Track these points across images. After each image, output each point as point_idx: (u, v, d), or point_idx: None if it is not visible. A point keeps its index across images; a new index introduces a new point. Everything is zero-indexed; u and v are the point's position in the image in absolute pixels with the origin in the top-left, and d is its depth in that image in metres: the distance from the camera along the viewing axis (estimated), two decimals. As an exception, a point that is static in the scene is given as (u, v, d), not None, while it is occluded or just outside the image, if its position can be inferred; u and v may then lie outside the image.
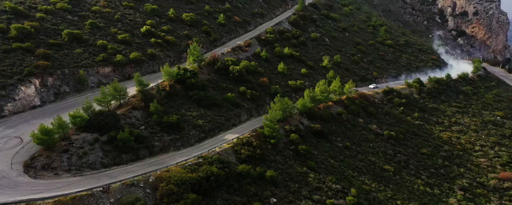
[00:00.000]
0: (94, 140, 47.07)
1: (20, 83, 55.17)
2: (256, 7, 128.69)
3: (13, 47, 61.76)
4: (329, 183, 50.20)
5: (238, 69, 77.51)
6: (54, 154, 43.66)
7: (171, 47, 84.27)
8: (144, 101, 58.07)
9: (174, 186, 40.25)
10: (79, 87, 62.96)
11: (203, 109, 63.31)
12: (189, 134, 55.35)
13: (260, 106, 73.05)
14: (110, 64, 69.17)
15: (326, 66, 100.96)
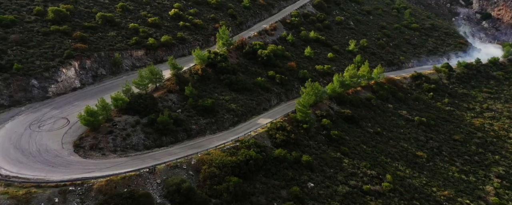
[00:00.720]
0: (135, 122, 47.76)
1: (61, 65, 55.97)
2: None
3: (52, 30, 62.29)
4: (364, 169, 49.81)
5: (266, 53, 76.24)
6: (100, 135, 44.63)
7: (199, 31, 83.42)
8: (178, 85, 58.16)
9: (215, 169, 40.68)
10: (114, 70, 63.50)
11: (235, 93, 63.03)
12: (223, 118, 55.44)
13: (289, 91, 72.17)
14: (143, 47, 69.16)
15: (352, 51, 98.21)
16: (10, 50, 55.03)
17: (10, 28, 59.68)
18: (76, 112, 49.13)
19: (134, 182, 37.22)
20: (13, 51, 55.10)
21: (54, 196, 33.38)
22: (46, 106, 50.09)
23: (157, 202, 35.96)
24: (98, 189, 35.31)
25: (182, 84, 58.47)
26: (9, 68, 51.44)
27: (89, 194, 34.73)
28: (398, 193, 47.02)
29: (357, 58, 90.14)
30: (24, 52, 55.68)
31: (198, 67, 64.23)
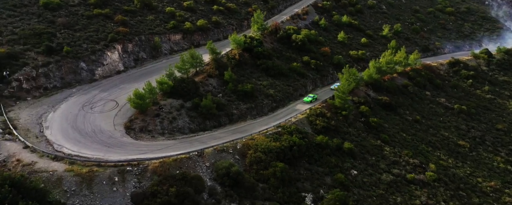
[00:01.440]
0: (180, 106, 48.14)
1: (106, 49, 56.73)
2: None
3: (95, 13, 62.86)
4: (406, 158, 48.59)
5: (300, 38, 74.17)
6: (148, 118, 45.39)
7: (232, 15, 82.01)
8: (218, 69, 57.88)
9: (261, 154, 40.69)
10: (154, 54, 63.79)
11: (271, 78, 62.08)
12: (262, 103, 55.02)
13: (324, 77, 70.46)
14: (180, 31, 68.85)
15: (386, 36, 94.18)
16: (59, 33, 56.13)
17: (56, 11, 60.71)
18: (123, 94, 50.18)
19: (185, 164, 37.85)
20: (62, 34, 56.20)
21: (114, 175, 34.49)
22: (95, 88, 51.24)
23: (208, 185, 36.55)
24: (152, 170, 36.18)
25: (221, 68, 58.12)
26: (59, 51, 52.61)
27: (145, 175, 35.67)
28: (442, 183, 45.73)
29: (392, 44, 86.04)
30: (72, 35, 56.68)
31: (235, 52, 63.46)
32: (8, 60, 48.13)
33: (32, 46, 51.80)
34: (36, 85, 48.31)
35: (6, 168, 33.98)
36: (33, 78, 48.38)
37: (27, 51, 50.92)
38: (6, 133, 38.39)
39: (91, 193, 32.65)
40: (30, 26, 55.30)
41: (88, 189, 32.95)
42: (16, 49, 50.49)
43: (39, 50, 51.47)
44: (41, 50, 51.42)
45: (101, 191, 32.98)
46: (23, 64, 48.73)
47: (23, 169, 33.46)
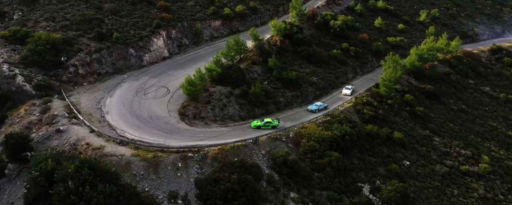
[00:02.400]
0: (229, 93, 47.69)
1: (152, 35, 56.31)
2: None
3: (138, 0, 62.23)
4: (457, 148, 46.95)
5: (339, 24, 71.36)
6: (200, 104, 45.25)
7: (268, 1, 79.53)
8: (261, 56, 56.76)
9: (315, 142, 39.99)
10: (195, 40, 62.98)
11: (313, 65, 60.43)
12: (307, 91, 53.87)
13: (364, 64, 68.04)
14: (220, 17, 67.44)
15: (423, 21, 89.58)
16: (107, 19, 55.96)
17: (102, -3, 60.41)
18: (172, 81, 50.10)
19: (242, 152, 37.73)
20: (109, 20, 55.98)
21: (177, 161, 34.77)
22: (144, 74, 51.28)
23: (266, 173, 36.42)
24: (212, 156, 36.25)
25: (265, 55, 56.92)
26: (109, 37, 52.56)
27: (206, 161, 35.81)
28: (498, 175, 44.14)
29: (431, 30, 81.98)
30: (119, 21, 56.42)
31: (277, 38, 61.73)
32: (64, 46, 48.54)
33: (83, 32, 51.93)
34: (90, 71, 48.76)
35: (77, 151, 34.82)
36: (88, 64, 48.79)
37: (80, 37, 51.13)
38: (71, 117, 39.13)
39: (158, 177, 33.10)
40: (80, 12, 55.31)
41: (155, 173, 33.41)
42: (70, 35, 50.79)
43: (91, 36, 51.58)
44: (92, 36, 51.52)
45: (167, 176, 33.39)
46: (78, 50, 49.07)
47: (93, 152, 34.16)
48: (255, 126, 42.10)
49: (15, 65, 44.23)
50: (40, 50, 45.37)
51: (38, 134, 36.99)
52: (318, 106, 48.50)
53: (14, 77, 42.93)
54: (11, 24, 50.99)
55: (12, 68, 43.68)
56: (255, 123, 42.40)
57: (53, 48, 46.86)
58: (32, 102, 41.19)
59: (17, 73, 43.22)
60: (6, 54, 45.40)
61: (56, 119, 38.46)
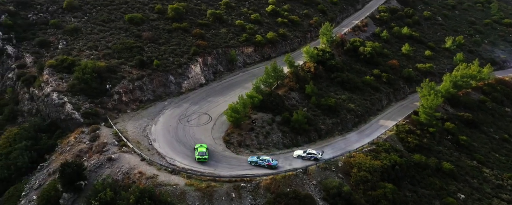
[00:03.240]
0: (271, 120, 48.10)
1: (190, 62, 58.05)
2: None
3: (174, 27, 64.76)
4: (510, 181, 45.77)
5: (369, 50, 72.87)
6: (243, 132, 45.58)
7: (296, 27, 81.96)
8: (297, 82, 57.71)
9: (366, 173, 39.56)
10: (230, 67, 64.56)
11: (348, 92, 61.09)
12: (346, 118, 54.02)
13: (397, 91, 68.45)
14: (252, 44, 69.50)
15: (449, 48, 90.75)
16: (146, 47, 58.14)
17: (140, 26, 63.12)
18: (213, 107, 50.90)
19: (293, 182, 37.43)
20: (148, 48, 58.14)
21: (231, 191, 34.60)
22: (184, 101, 52.24)
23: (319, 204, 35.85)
24: (265, 186, 36.01)
25: (301, 81, 57.90)
26: (150, 64, 54.35)
27: (258, 191, 35.54)
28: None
29: (459, 57, 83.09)
30: (157, 49, 58.53)
31: (311, 65, 63.01)
32: (108, 74, 50.20)
33: (125, 60, 53.89)
34: (133, 98, 49.95)
35: (131, 180, 34.97)
36: (130, 91, 50.09)
37: (122, 65, 52.97)
38: (121, 145, 39.66)
39: (213, 208, 32.82)
40: (121, 41, 57.68)
41: (210, 204, 33.15)
42: (113, 62, 52.69)
43: (132, 63, 53.43)
44: (134, 64, 53.35)
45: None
46: (121, 78, 50.66)
47: (147, 181, 34.27)
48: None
49: (64, 93, 45.67)
50: (86, 78, 46.99)
51: (89, 162, 37.39)
52: (262, 161, 38.85)
53: (63, 105, 44.17)
54: (57, 53, 53.26)
55: (61, 96, 45.07)
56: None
57: (99, 76, 48.50)
58: (81, 130, 42.02)
59: (66, 101, 44.53)
60: (54, 82, 47.02)
61: (107, 147, 39.01)
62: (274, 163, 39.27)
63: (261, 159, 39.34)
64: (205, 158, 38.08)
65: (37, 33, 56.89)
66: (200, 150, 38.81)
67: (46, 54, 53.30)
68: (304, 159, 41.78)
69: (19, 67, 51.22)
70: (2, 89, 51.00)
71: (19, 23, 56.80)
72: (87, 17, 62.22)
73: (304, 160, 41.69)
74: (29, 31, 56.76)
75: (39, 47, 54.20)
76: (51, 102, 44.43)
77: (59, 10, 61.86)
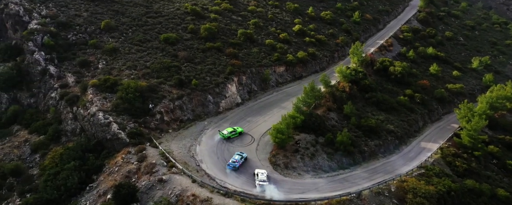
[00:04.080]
0: (314, 141, 47.61)
1: (226, 81, 58.46)
2: (380, 4, 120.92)
3: (208, 47, 65.79)
4: None
5: (400, 70, 72.96)
6: (288, 153, 45.04)
7: (323, 46, 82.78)
8: (334, 102, 57.53)
9: (423, 199, 38.42)
10: (263, 86, 64.85)
11: (384, 113, 60.63)
12: (387, 140, 53.28)
13: (431, 112, 67.75)
14: (283, 63, 70.08)
15: (476, 69, 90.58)
16: (183, 66, 58.89)
17: (175, 46, 64.26)
18: (253, 127, 50.66)
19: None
20: (185, 67, 58.86)
21: (288, 216, 33.71)
22: (224, 121, 52.15)
23: (379, 231, 34.67)
24: (321, 212, 35.08)
25: (338, 101, 57.73)
26: (188, 84, 54.81)
27: (315, 216, 34.58)
28: None
29: (489, 77, 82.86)
30: (194, 68, 59.21)
31: (345, 84, 63.06)
32: (149, 93, 50.63)
33: (164, 79, 54.45)
34: (174, 117, 50.02)
35: (184, 203, 34.31)
36: (171, 111, 50.24)
37: (161, 84, 53.47)
38: (170, 166, 39.27)
39: (273, 235, 31.83)
40: (158, 60, 58.59)
41: (269, 230, 32.23)
42: (152, 82, 53.23)
43: (171, 83, 53.93)
44: (173, 83, 53.84)
45: (281, 233, 32.09)
46: (162, 97, 51.00)
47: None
48: (223, 137, 45.91)
49: (109, 113, 45.93)
50: (129, 98, 47.38)
51: (140, 183, 36.94)
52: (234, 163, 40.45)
53: (109, 125, 44.31)
54: (97, 73, 54.12)
55: (107, 116, 45.30)
56: (223, 134, 46.15)
57: (141, 96, 48.87)
58: (128, 150, 41.87)
59: (112, 121, 44.70)
60: (99, 102, 47.44)
61: (156, 168, 38.65)
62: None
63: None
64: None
65: (77, 53, 58.19)
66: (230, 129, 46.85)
67: (87, 74, 54.17)
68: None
69: (62, 86, 51.97)
70: (45, 108, 51.51)
71: (60, 44, 58.21)
72: (124, 37, 63.67)
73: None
74: (69, 51, 58.09)
75: (80, 66, 55.21)
76: (97, 121, 44.60)
77: (97, 31, 63.44)
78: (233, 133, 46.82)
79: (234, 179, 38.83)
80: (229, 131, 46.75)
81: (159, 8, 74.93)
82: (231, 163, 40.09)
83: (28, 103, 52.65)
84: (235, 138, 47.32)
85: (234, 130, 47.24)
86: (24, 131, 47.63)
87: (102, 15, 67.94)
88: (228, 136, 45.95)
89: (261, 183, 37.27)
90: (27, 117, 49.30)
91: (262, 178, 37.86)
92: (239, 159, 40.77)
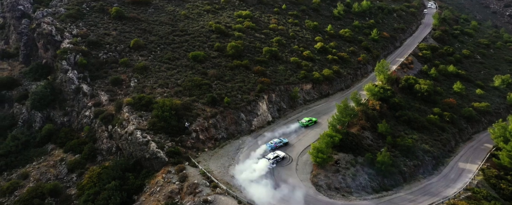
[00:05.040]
0: (354, 161, 46.66)
1: (257, 99, 58.25)
2: (394, 22, 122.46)
3: (235, 65, 66.06)
4: None
5: (426, 88, 72.61)
6: (329, 173, 44.04)
7: (346, 64, 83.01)
8: (367, 121, 56.88)
9: (476, 222, 37.09)
10: (291, 104, 64.54)
11: (416, 132, 59.75)
12: (425, 160, 52.18)
13: (461, 131, 66.76)
14: (310, 81, 70.07)
15: (498, 87, 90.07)
16: (213, 84, 58.89)
17: (204, 63, 64.61)
18: (288, 147, 49.77)
19: (402, 231, 35.07)
20: (216, 85, 58.88)
21: (342, 242, 32.38)
22: (258, 139, 51.31)
23: None
24: (375, 236, 33.72)
25: (371, 120, 57.08)
26: (220, 102, 54.60)
27: (369, 242, 33.20)
28: None
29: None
30: (224, 86, 59.17)
31: (376, 102, 62.58)
32: (184, 112, 50.34)
33: (197, 97, 54.34)
34: (208, 136, 49.45)
35: (235, 227, 33.17)
36: (206, 129, 49.75)
37: (194, 102, 53.30)
38: (213, 186, 38.32)
39: None
40: (189, 78, 58.69)
41: None
42: (185, 100, 53.06)
43: (204, 101, 53.77)
44: (205, 101, 53.67)
45: None
46: (196, 115, 50.66)
47: (255, 229, 32.43)
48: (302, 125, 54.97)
49: (146, 132, 45.47)
50: (165, 116, 47.04)
51: (185, 204, 35.86)
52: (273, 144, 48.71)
53: (147, 144, 43.76)
54: (130, 91, 54.15)
55: (145, 135, 44.81)
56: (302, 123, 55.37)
57: (176, 114, 48.54)
58: (167, 170, 41.07)
59: (150, 140, 44.16)
60: (135, 120, 47.12)
61: (199, 188, 37.73)
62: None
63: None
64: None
65: (109, 71, 58.56)
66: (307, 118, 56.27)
67: (119, 92, 54.19)
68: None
69: (95, 105, 51.91)
70: (78, 127, 51.21)
71: (92, 62, 58.69)
72: (153, 55, 64.19)
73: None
74: (101, 69, 58.48)
75: (113, 85, 55.35)
76: (136, 140, 44.08)
77: (126, 49, 64.10)
78: (310, 121, 56.37)
79: (279, 200, 37.70)
80: (306, 120, 56.52)
81: (184, 27, 76.01)
82: (269, 144, 48.25)
83: (61, 121, 52.44)
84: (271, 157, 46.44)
85: (310, 120, 56.75)
86: (59, 150, 47.14)
87: (130, 33, 68.94)
88: (306, 124, 55.59)
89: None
90: (61, 135, 48.89)
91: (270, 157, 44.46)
92: (278, 142, 49.14)
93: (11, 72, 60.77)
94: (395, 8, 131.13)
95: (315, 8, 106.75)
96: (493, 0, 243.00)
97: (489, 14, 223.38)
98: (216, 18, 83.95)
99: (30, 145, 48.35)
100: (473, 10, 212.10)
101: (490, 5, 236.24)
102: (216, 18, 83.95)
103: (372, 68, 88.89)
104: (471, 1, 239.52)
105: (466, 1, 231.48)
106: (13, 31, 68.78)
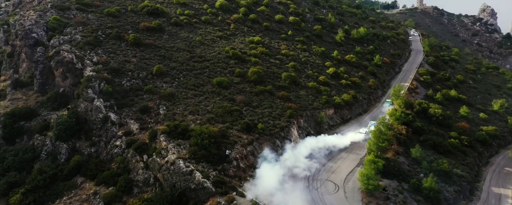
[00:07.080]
0: (400, 187, 45.64)
1: (289, 125, 56.96)
2: (390, 49, 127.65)
3: (259, 90, 64.95)
4: None
5: (440, 112, 74.37)
6: (380, 201, 42.69)
7: (359, 89, 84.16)
8: (399, 145, 56.69)
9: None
10: (318, 129, 63.71)
11: (443, 156, 60.09)
12: (461, 185, 51.98)
13: (480, 155, 67.88)
14: (332, 106, 70.03)
15: (498, 111, 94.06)
16: (243, 110, 57.26)
17: (228, 89, 63.13)
18: (330, 174, 48.59)
19: None
20: (246, 111, 57.29)
21: None
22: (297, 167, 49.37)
23: None
24: None
25: (402, 144, 56.98)
26: (254, 128, 52.79)
27: None
28: None
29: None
30: (254, 112, 57.67)
31: (401, 127, 62.94)
32: (221, 139, 48.03)
33: (230, 124, 52.33)
34: (248, 164, 47.09)
35: None
36: (245, 157, 47.47)
37: (229, 129, 51.20)
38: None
39: None
40: (218, 104, 56.83)
41: None
42: (219, 127, 50.87)
43: (238, 127, 51.82)
44: (240, 128, 51.73)
45: None
46: (233, 143, 48.44)
47: None
48: None
49: (188, 161, 42.59)
50: (205, 144, 44.58)
51: (247, 241, 32.98)
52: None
53: (191, 173, 40.75)
54: (161, 119, 51.33)
55: (187, 164, 41.91)
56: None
57: (215, 141, 46.20)
58: (216, 201, 38.10)
59: (194, 169, 41.26)
60: (174, 149, 44.21)
61: (256, 221, 34.99)
62: None
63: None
64: None
65: (134, 99, 55.69)
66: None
67: (149, 120, 51.24)
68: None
69: (126, 134, 48.54)
70: (108, 157, 47.26)
71: (117, 90, 55.78)
72: (177, 82, 62.12)
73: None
74: (127, 97, 55.51)
75: (141, 113, 52.36)
76: (179, 170, 40.99)
77: (149, 76, 61.67)
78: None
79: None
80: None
81: (202, 53, 75.01)
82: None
83: (89, 152, 48.30)
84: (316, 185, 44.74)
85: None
86: (89, 182, 42.89)
87: (150, 60, 66.84)
88: None
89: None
90: (91, 167, 44.76)
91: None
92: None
93: (27, 102, 56.38)
94: (388, 35, 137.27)
95: (318, 34, 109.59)
96: (462, 29, 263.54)
97: (459, 42, 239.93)
98: (229, 44, 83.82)
99: (58, 179, 43.78)
100: (445, 38, 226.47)
101: (459, 33, 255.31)
102: (229, 44, 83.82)
103: (381, 93, 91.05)
104: (442, 29, 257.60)
105: (437, 30, 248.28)
106: (24, 60, 64.77)
